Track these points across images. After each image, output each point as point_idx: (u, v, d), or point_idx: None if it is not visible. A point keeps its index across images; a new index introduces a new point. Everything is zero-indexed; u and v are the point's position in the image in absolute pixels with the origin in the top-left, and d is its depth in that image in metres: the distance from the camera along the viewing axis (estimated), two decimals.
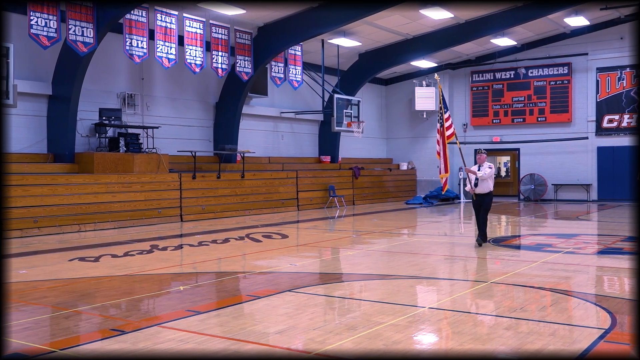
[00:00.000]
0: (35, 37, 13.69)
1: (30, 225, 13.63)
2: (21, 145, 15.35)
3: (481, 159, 11.79)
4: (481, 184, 11.66)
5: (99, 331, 5.92)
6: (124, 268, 9.44)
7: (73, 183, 14.68)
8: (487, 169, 11.56)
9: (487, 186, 11.67)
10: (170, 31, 16.56)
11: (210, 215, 17.88)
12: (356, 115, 22.83)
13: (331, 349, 5.22)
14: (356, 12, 18.08)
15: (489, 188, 11.71)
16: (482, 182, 11.63)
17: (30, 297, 7.46)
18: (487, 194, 11.75)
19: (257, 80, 20.54)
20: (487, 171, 11.56)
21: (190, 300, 7.16)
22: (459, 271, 9.48)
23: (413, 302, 7.19)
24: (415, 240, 13.37)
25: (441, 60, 26.52)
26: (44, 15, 13.79)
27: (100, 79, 17.07)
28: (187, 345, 5.34)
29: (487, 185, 11.67)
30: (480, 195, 11.76)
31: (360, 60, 24.42)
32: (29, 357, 5.04)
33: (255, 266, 9.66)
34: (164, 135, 18.22)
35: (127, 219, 15.60)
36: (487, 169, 11.56)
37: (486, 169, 11.56)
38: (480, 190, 11.73)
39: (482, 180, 11.61)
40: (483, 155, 11.85)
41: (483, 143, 27.35)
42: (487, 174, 11.56)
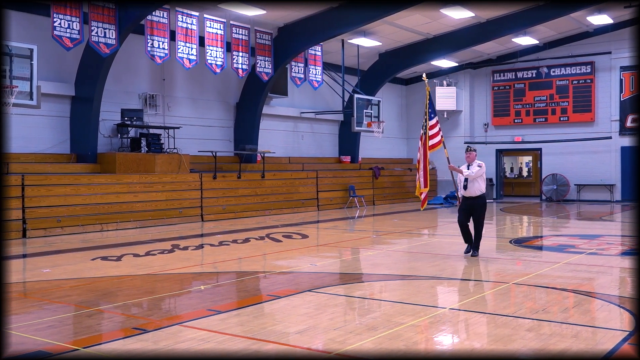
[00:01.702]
0: (58, 38, 13.85)
1: (53, 224, 13.79)
2: (45, 146, 15.55)
3: (470, 157, 10.46)
4: (470, 186, 10.30)
5: (121, 330, 5.97)
6: (146, 267, 9.51)
7: (95, 183, 14.83)
8: (477, 167, 10.28)
9: (477, 188, 10.31)
10: (191, 32, 16.66)
11: (231, 215, 17.95)
12: (376, 115, 22.78)
13: (351, 349, 5.21)
14: (376, 12, 18.03)
15: (480, 190, 10.32)
16: (472, 183, 10.28)
17: (54, 295, 7.55)
18: (479, 197, 10.35)
19: (277, 81, 20.59)
20: (476, 170, 10.24)
21: (210, 300, 7.20)
22: (480, 272, 9.41)
23: (434, 303, 7.15)
24: (436, 241, 13.31)
25: (462, 59, 26.37)
26: (67, 17, 13.94)
27: (122, 79, 17.22)
28: (208, 344, 5.36)
29: (478, 186, 10.31)
30: (469, 198, 10.38)
31: (381, 60, 24.36)
32: (52, 355, 5.10)
33: (276, 266, 9.68)
34: (185, 136, 18.33)
35: (149, 219, 15.73)
36: (476, 167, 10.28)
37: (475, 168, 10.28)
38: (469, 193, 10.35)
39: (471, 180, 10.29)
40: (473, 153, 10.50)
41: (504, 143, 27.19)
42: (475, 172, 10.22)
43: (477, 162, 10.34)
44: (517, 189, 30.39)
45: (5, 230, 12.10)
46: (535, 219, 18.78)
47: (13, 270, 9.57)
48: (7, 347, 5.10)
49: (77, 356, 5.10)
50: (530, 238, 14.04)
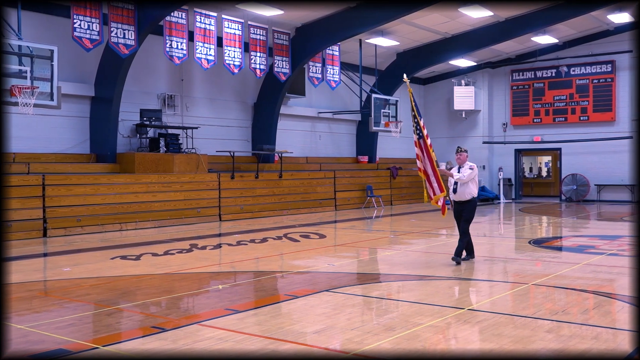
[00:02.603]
0: (78, 39, 13.99)
1: (73, 224, 13.93)
2: (65, 146, 15.71)
3: (461, 158, 9.80)
4: (461, 189, 9.65)
5: (140, 328, 6.01)
6: (164, 266, 9.57)
7: (115, 183, 14.96)
8: (468, 170, 9.64)
9: (468, 191, 9.66)
10: (209, 32, 16.74)
11: (249, 215, 18.01)
12: (394, 115, 22.73)
13: (369, 349, 5.20)
14: (394, 12, 17.99)
15: (471, 193, 9.69)
16: (462, 187, 9.63)
17: (74, 294, 7.62)
18: (469, 201, 9.70)
19: (295, 81, 20.61)
20: (467, 173, 9.61)
21: (228, 299, 7.22)
22: (499, 272, 9.34)
23: (452, 304, 7.12)
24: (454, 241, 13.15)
25: (480, 59, 26.22)
26: (86, 18, 14.07)
27: (141, 80, 17.35)
28: (226, 343, 5.38)
29: (469, 190, 9.67)
30: (459, 203, 9.78)
31: (398, 60, 24.29)
32: (72, 353, 5.14)
33: (293, 266, 9.69)
34: (203, 136, 18.42)
35: (167, 218, 15.83)
36: (467, 170, 9.64)
37: (466, 170, 9.65)
38: (459, 197, 9.72)
39: (462, 184, 9.63)
40: (464, 154, 9.84)
41: (523, 143, 26.99)
42: (466, 176, 9.58)
43: (468, 164, 9.73)
44: (536, 189, 30.15)
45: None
46: (554, 220, 18.62)
47: (34, 269, 9.69)
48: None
49: (97, 354, 5.15)
50: (549, 239, 13.92)
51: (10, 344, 5.35)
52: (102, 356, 5.11)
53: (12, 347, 5.30)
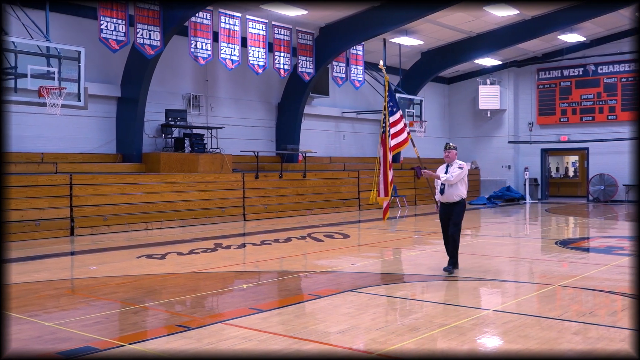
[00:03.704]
0: (105, 41, 14.15)
1: (100, 223, 14.10)
2: (92, 146, 15.90)
3: (450, 156, 9.00)
4: (449, 191, 8.88)
5: (165, 327, 6.05)
6: (189, 266, 9.64)
7: (140, 182, 15.10)
8: (457, 169, 8.83)
9: (456, 192, 8.86)
10: (233, 33, 16.82)
11: (272, 214, 18.06)
12: (418, 115, 22.63)
13: (393, 349, 5.18)
14: (418, 11, 17.90)
15: (460, 195, 8.86)
16: (450, 188, 8.89)
17: (101, 292, 7.71)
18: (457, 202, 8.88)
19: (319, 81, 20.62)
20: (455, 172, 8.80)
21: (252, 299, 7.25)
22: (525, 273, 9.25)
23: (477, 305, 7.06)
24: (479, 242, 13.13)
25: (506, 57, 25.97)
26: (113, 19, 14.23)
27: (167, 80, 17.49)
28: (250, 342, 5.40)
29: (457, 191, 8.86)
30: (446, 205, 8.98)
31: (423, 59, 24.17)
32: (99, 350, 5.20)
33: (317, 265, 9.69)
34: (228, 136, 18.51)
35: (192, 218, 15.94)
36: (456, 169, 8.83)
37: (455, 170, 8.83)
38: (447, 199, 8.91)
39: (449, 184, 8.86)
40: (452, 151, 9.02)
41: (550, 142, 26.68)
42: (455, 176, 8.77)
43: (457, 163, 8.94)
44: (562, 190, 29.79)
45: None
46: (581, 220, 18.37)
47: (61, 268, 9.82)
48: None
49: (123, 352, 5.20)
50: (576, 239, 13.74)
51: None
52: (128, 354, 5.16)
53: (40, 344, 5.38)
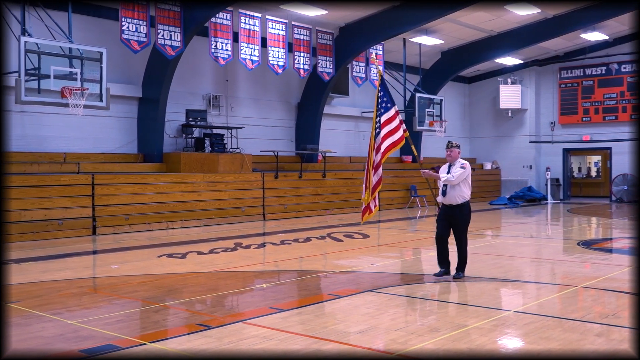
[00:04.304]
0: (126, 42, 14.27)
1: (121, 222, 14.22)
2: (114, 146, 16.05)
3: (452, 155, 8.44)
4: (451, 192, 8.31)
5: (186, 326, 6.09)
6: (210, 265, 9.69)
7: (161, 182, 15.21)
8: (459, 169, 8.26)
9: (459, 194, 8.28)
10: (253, 33, 16.87)
11: (292, 214, 18.09)
12: (438, 115, 22.51)
13: (413, 350, 5.17)
14: (438, 10, 17.80)
15: (463, 196, 8.29)
16: (452, 189, 8.31)
17: (122, 291, 7.78)
18: (460, 205, 8.31)
19: (339, 80, 20.61)
20: (457, 172, 8.22)
21: (272, 298, 7.27)
22: (546, 274, 9.17)
23: (498, 305, 7.01)
24: (500, 242, 13.04)
25: (527, 56, 25.75)
26: (134, 20, 14.35)
27: (187, 81, 17.60)
28: (270, 342, 5.41)
29: (460, 192, 8.29)
30: (449, 207, 8.37)
31: (443, 59, 24.05)
32: (121, 349, 5.25)
33: (337, 265, 9.69)
34: (247, 136, 18.57)
35: (212, 217, 16.02)
36: (458, 169, 8.27)
37: (457, 170, 8.27)
38: (449, 201, 8.34)
39: (451, 185, 8.30)
40: (455, 149, 8.44)
41: (572, 142, 26.41)
42: (456, 176, 8.20)
43: (460, 162, 8.40)
44: (585, 190, 29.45)
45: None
46: (604, 221, 18.15)
47: (84, 266, 9.93)
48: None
49: (145, 350, 5.24)
50: (599, 240, 13.58)
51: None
52: (150, 352, 5.20)
53: (63, 342, 5.44)
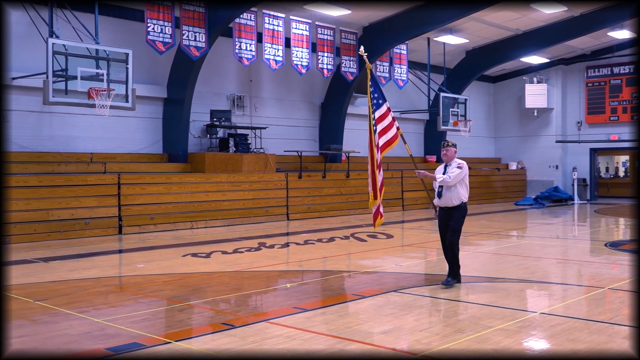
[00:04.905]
0: (152, 43, 14.40)
1: (147, 221, 14.36)
2: (139, 146, 16.21)
3: (448, 154, 8.00)
4: (447, 194, 7.88)
5: (210, 325, 6.13)
6: (234, 264, 9.74)
7: (186, 182, 15.33)
8: (456, 169, 7.86)
9: (456, 195, 7.86)
10: (277, 34, 16.92)
11: (316, 214, 18.10)
12: (463, 114, 22.36)
13: (437, 351, 5.14)
14: (463, 9, 17.67)
15: (460, 198, 7.87)
16: (449, 190, 7.88)
17: (148, 289, 7.86)
18: (457, 207, 7.89)
19: (362, 80, 20.54)
20: (454, 173, 7.82)
21: (296, 298, 7.28)
22: (573, 276, 9.05)
23: (523, 307, 6.94)
24: (526, 243, 12.91)
25: (553, 55, 25.45)
26: (159, 22, 14.48)
27: (211, 81, 17.71)
28: (294, 341, 5.42)
29: (457, 194, 7.86)
30: (445, 209, 7.99)
31: (468, 58, 23.88)
32: (147, 347, 5.30)
33: (360, 265, 9.67)
34: (271, 136, 18.63)
35: (236, 217, 16.09)
36: (455, 169, 7.87)
37: (454, 169, 7.86)
38: (445, 203, 7.92)
39: (448, 186, 7.87)
40: (451, 149, 8.03)
41: (599, 142, 26.04)
42: (453, 177, 7.79)
43: (456, 162, 7.96)
44: (612, 190, 29.03)
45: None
46: (632, 222, 17.87)
47: (110, 265, 10.04)
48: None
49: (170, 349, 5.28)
50: (627, 241, 13.36)
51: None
52: (175, 351, 5.24)
53: (90, 340, 5.51)
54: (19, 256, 10.61)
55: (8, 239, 12.13)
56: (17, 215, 12.39)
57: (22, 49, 13.92)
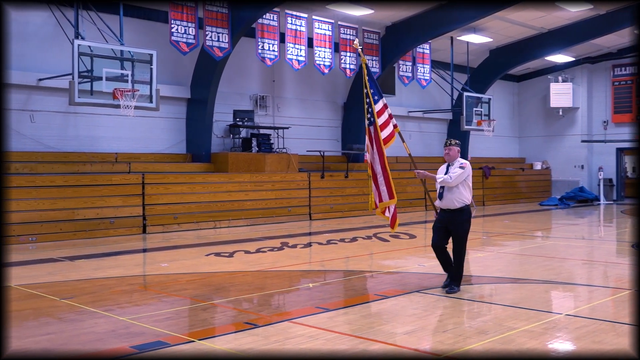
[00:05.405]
0: (175, 44, 14.51)
1: (170, 221, 14.47)
2: (163, 146, 16.34)
3: (450, 154, 7.54)
4: (448, 195, 7.41)
5: (233, 324, 6.16)
6: (256, 264, 9.77)
7: (209, 182, 15.42)
8: (458, 169, 7.36)
9: (457, 197, 7.37)
10: (300, 34, 16.95)
11: (338, 214, 18.08)
12: (486, 114, 22.19)
13: (461, 352, 5.10)
14: (487, 8, 17.53)
15: (462, 200, 7.38)
16: (450, 192, 7.41)
17: (171, 288, 7.92)
18: (459, 210, 7.41)
19: (385, 80, 20.51)
20: (455, 173, 7.33)
21: (319, 298, 7.28)
22: (599, 277, 8.93)
23: (548, 308, 6.86)
24: (551, 243, 12.77)
25: (579, 54, 25.14)
26: (183, 22, 14.58)
27: (234, 81, 17.79)
28: (316, 341, 5.42)
29: (459, 195, 7.38)
30: (447, 212, 7.50)
31: (491, 57, 23.68)
32: (170, 345, 5.34)
33: (383, 266, 9.65)
34: (294, 136, 18.66)
35: (259, 217, 16.15)
36: (457, 169, 7.37)
37: (456, 169, 7.38)
38: (446, 205, 7.45)
39: (449, 187, 7.41)
40: (454, 148, 7.55)
41: (626, 141, 25.63)
42: (454, 177, 7.31)
43: (459, 161, 7.48)
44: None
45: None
46: None
47: (134, 264, 10.14)
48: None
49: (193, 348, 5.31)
50: None
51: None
52: (198, 350, 5.27)
53: (115, 338, 5.57)
54: (45, 255, 10.77)
55: (34, 237, 12.32)
56: (44, 215, 12.57)
57: (48, 50, 14.14)
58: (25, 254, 10.95)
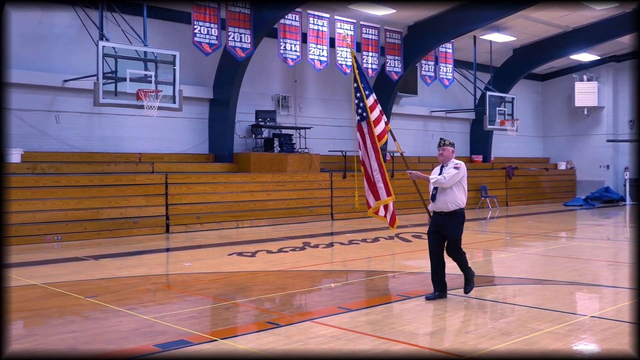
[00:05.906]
0: (198, 44, 14.61)
1: (193, 220, 14.57)
2: (186, 146, 16.46)
3: (445, 154, 7.18)
4: (442, 197, 7.04)
5: (255, 323, 6.18)
6: (278, 264, 9.79)
7: (231, 182, 15.49)
8: (452, 169, 7.02)
9: (451, 199, 7.00)
10: (321, 34, 16.96)
11: (360, 214, 18.03)
12: (510, 113, 21.99)
13: (484, 353, 5.06)
14: (510, 7, 17.37)
15: (456, 202, 7.02)
16: (443, 193, 7.03)
17: (194, 288, 7.97)
18: (453, 213, 7.03)
19: (407, 80, 20.44)
20: (449, 173, 6.99)
21: (340, 298, 7.28)
22: (625, 278, 8.79)
23: (573, 310, 6.78)
24: (575, 244, 12.62)
25: (604, 52, 24.80)
26: (206, 23, 14.67)
27: (257, 82, 17.85)
28: (338, 341, 5.42)
29: (452, 197, 7.01)
30: (440, 215, 7.11)
31: (515, 56, 23.48)
32: (193, 344, 5.37)
33: (405, 266, 9.61)
34: (316, 136, 18.67)
35: (281, 217, 16.19)
36: (451, 169, 7.03)
37: (450, 170, 7.04)
38: (439, 207, 7.07)
39: (442, 189, 7.04)
40: (448, 148, 7.20)
41: None
42: (448, 178, 6.95)
43: (454, 162, 7.12)
44: None
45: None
46: None
47: (157, 263, 10.23)
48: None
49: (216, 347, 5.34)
50: None
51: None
52: (220, 349, 5.30)
53: (139, 336, 5.62)
54: (70, 254, 10.91)
55: (60, 236, 12.49)
56: (69, 214, 12.73)
57: (73, 52, 14.33)
58: (51, 253, 11.11)
